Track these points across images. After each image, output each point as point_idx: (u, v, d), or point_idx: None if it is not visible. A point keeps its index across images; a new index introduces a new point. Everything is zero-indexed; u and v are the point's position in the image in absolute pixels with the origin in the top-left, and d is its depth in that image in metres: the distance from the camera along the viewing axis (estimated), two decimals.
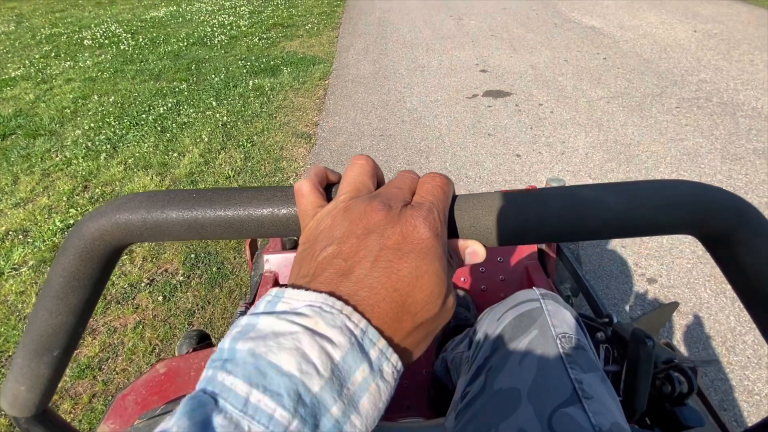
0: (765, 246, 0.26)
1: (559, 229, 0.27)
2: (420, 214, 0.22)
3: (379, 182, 0.27)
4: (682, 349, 1.33)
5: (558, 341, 0.40)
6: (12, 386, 0.32)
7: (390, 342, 0.19)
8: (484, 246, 0.26)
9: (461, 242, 0.26)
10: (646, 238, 1.71)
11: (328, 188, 0.27)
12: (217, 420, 0.15)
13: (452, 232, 0.26)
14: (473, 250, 0.25)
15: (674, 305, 0.92)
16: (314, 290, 0.19)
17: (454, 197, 0.27)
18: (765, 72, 3.03)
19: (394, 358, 0.19)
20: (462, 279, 1.05)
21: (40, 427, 0.35)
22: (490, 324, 0.46)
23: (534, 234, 0.27)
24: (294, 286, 0.19)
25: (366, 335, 0.18)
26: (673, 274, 1.56)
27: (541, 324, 0.42)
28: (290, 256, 1.11)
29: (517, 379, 0.38)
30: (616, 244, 1.71)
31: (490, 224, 0.27)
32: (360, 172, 0.25)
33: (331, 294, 0.19)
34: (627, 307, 1.47)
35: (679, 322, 1.40)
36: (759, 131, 2.37)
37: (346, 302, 0.18)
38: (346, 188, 0.24)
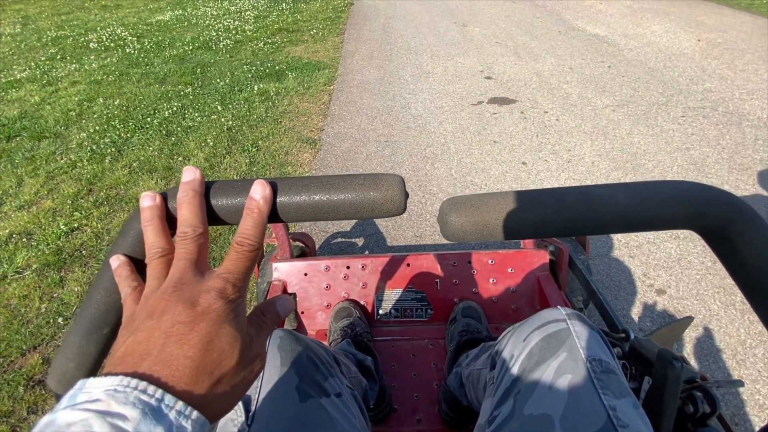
0: (760, 238, 0.28)
1: (572, 224, 0.29)
2: (214, 287, 0.26)
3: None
4: (693, 362, 1.31)
5: (588, 365, 0.39)
6: (61, 363, 0.33)
7: (190, 401, 0.22)
8: (293, 296, 0.30)
9: (274, 298, 0.30)
10: (654, 249, 1.70)
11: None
12: None
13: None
14: (282, 302, 0.30)
15: (689, 320, 0.91)
16: (114, 374, 0.22)
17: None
18: None
19: (195, 414, 0.22)
20: (473, 290, 1.04)
21: None
22: (515, 345, 0.45)
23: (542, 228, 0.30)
24: (98, 375, 0.23)
25: (163, 402, 0.21)
26: (682, 285, 1.55)
27: (569, 346, 0.41)
28: (299, 264, 1.10)
29: (548, 404, 0.37)
30: (624, 254, 1.69)
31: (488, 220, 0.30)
32: (159, 269, 0.28)
33: (131, 375, 0.22)
34: (636, 318, 1.45)
35: (689, 334, 1.39)
36: (765, 141, 2.36)
37: (143, 378, 0.22)
38: (149, 283, 0.28)
